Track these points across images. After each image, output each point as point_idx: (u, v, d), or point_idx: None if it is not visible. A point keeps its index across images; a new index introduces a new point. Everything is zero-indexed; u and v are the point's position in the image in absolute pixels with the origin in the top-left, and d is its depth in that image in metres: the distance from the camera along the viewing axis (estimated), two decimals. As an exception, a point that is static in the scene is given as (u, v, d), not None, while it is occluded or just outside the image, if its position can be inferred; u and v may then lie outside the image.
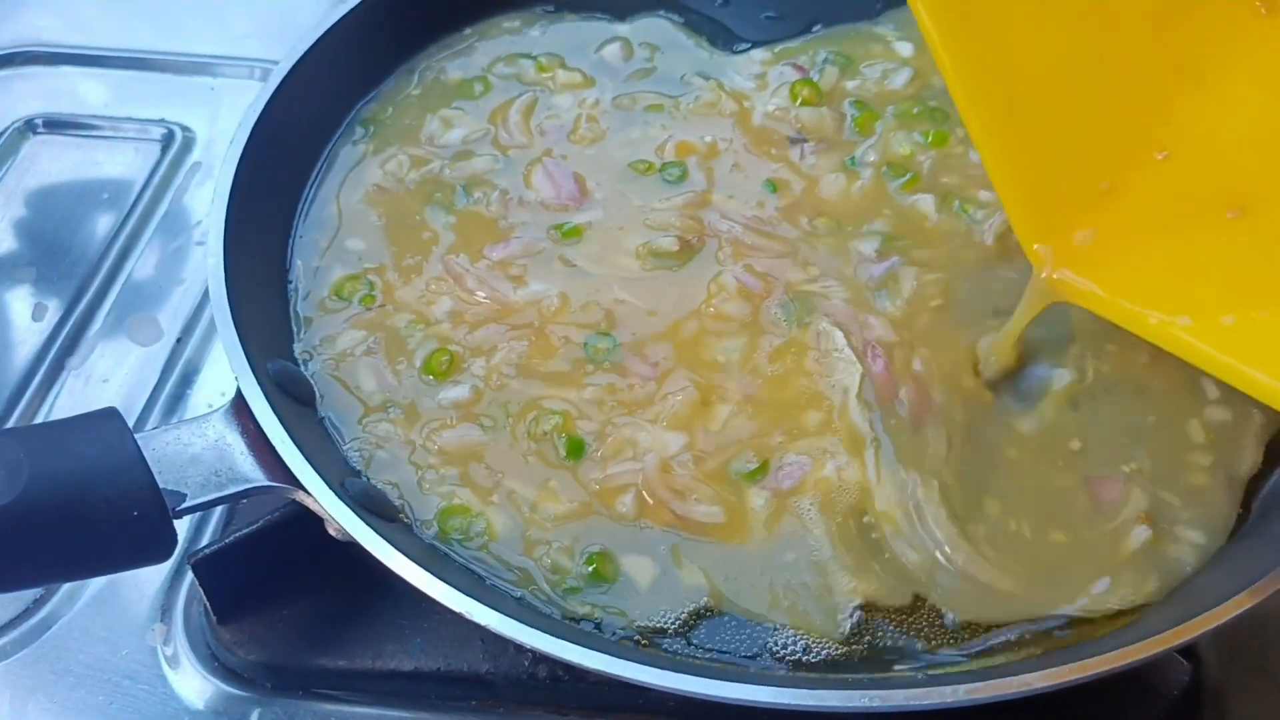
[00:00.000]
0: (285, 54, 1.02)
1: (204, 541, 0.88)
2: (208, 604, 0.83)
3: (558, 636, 0.67)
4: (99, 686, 0.84)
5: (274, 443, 0.75)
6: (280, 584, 0.84)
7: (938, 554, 0.76)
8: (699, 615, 0.76)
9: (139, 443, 0.71)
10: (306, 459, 0.74)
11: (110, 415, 0.73)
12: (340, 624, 0.84)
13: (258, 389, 0.77)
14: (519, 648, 0.77)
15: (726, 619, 0.75)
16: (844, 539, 0.78)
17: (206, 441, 0.75)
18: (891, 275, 0.90)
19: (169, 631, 0.87)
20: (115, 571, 0.72)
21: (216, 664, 0.85)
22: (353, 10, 1.06)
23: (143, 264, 1.14)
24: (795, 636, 0.74)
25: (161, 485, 0.70)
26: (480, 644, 0.82)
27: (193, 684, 0.84)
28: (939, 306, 0.89)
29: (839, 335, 0.86)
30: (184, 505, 0.72)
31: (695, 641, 0.74)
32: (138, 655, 0.86)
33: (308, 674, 0.83)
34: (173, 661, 0.85)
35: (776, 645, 0.74)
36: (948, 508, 0.77)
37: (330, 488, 0.73)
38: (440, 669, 0.81)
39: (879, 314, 0.88)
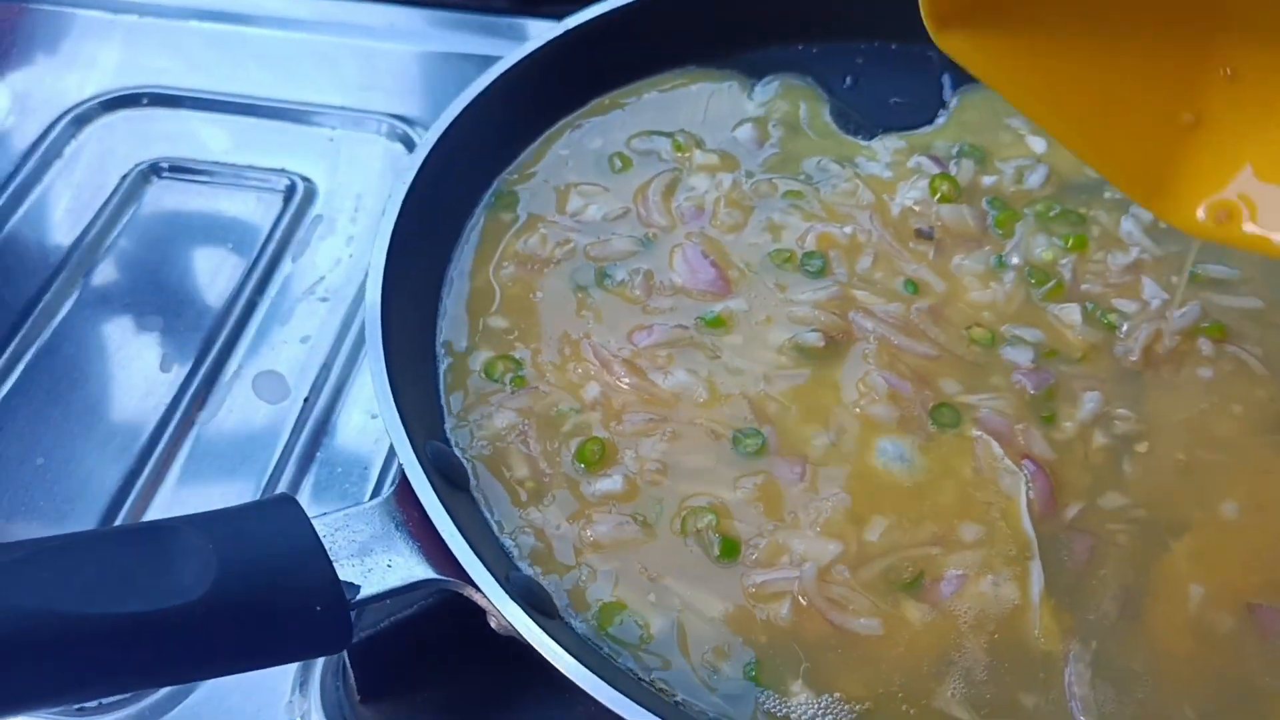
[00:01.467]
0: (428, 113, 1.03)
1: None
2: (356, 684, 0.83)
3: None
4: (238, 758, 0.85)
5: (442, 535, 0.75)
6: (428, 667, 0.84)
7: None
8: (854, 723, 0.76)
9: (318, 533, 0.71)
10: (475, 553, 0.74)
11: (287, 502, 0.73)
12: (484, 712, 0.84)
13: (423, 476, 0.77)
14: (668, 748, 0.78)
15: (886, 734, 0.75)
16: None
17: (374, 530, 0.76)
18: (1049, 390, 0.90)
19: (307, 705, 0.87)
20: (293, 661, 0.73)
21: (354, 742, 0.85)
22: (498, 77, 1.06)
23: (268, 318, 1.15)
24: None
25: (340, 578, 0.71)
26: (631, 740, 0.82)
27: (330, 761, 0.84)
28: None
29: (995, 445, 0.86)
30: (359, 597, 0.72)
31: (857, 759, 0.74)
32: (275, 727, 0.86)
33: (447, 758, 0.83)
34: (312, 738, 0.86)
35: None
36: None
37: (499, 583, 0.73)
38: (584, 763, 0.81)
39: (1037, 426, 0.88)
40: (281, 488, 1.01)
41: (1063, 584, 0.81)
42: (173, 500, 1.00)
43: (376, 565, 0.74)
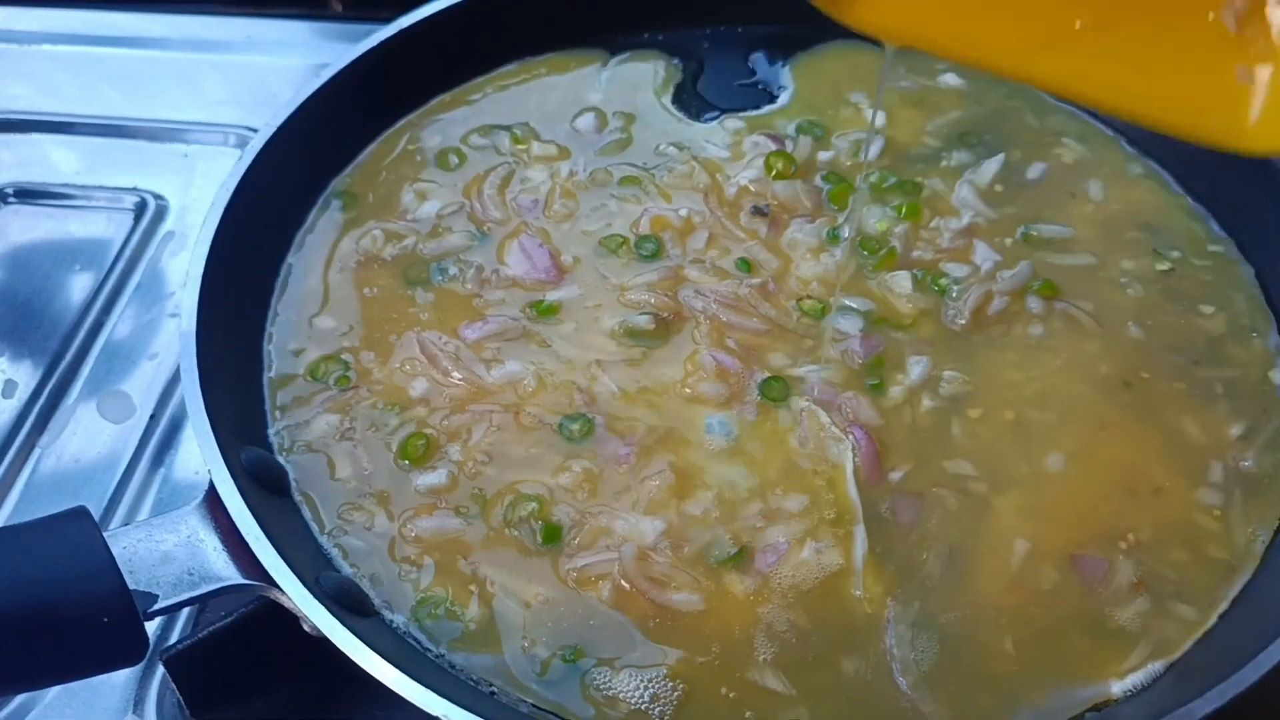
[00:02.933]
0: (263, 124, 1.01)
1: (175, 634, 0.87)
2: (182, 698, 0.82)
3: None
4: (70, 783, 0.83)
5: (248, 539, 0.74)
6: (256, 676, 0.83)
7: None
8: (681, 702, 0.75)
9: (109, 543, 0.70)
10: (282, 556, 0.73)
11: (79, 515, 0.72)
12: (318, 718, 0.82)
13: (231, 483, 0.76)
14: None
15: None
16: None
17: (179, 538, 0.74)
18: (878, 358, 0.90)
19: (142, 723, 0.86)
20: (83, 678, 0.71)
21: (190, 758, 0.83)
22: (330, 80, 1.06)
23: (115, 337, 1.13)
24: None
25: (132, 587, 0.70)
26: (458, 735, 0.81)
27: (166, 779, 0.83)
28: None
29: (823, 414, 0.86)
30: (155, 607, 0.71)
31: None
32: (110, 749, 0.85)
33: (283, 768, 0.82)
34: (146, 756, 0.84)
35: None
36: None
37: (305, 585, 0.72)
38: (418, 764, 0.80)
39: (864, 394, 0.88)
40: (123, 508, 0.99)
41: (887, 547, 0.81)
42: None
43: (177, 573, 0.73)
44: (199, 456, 1.00)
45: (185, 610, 0.89)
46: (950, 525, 0.82)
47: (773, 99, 1.15)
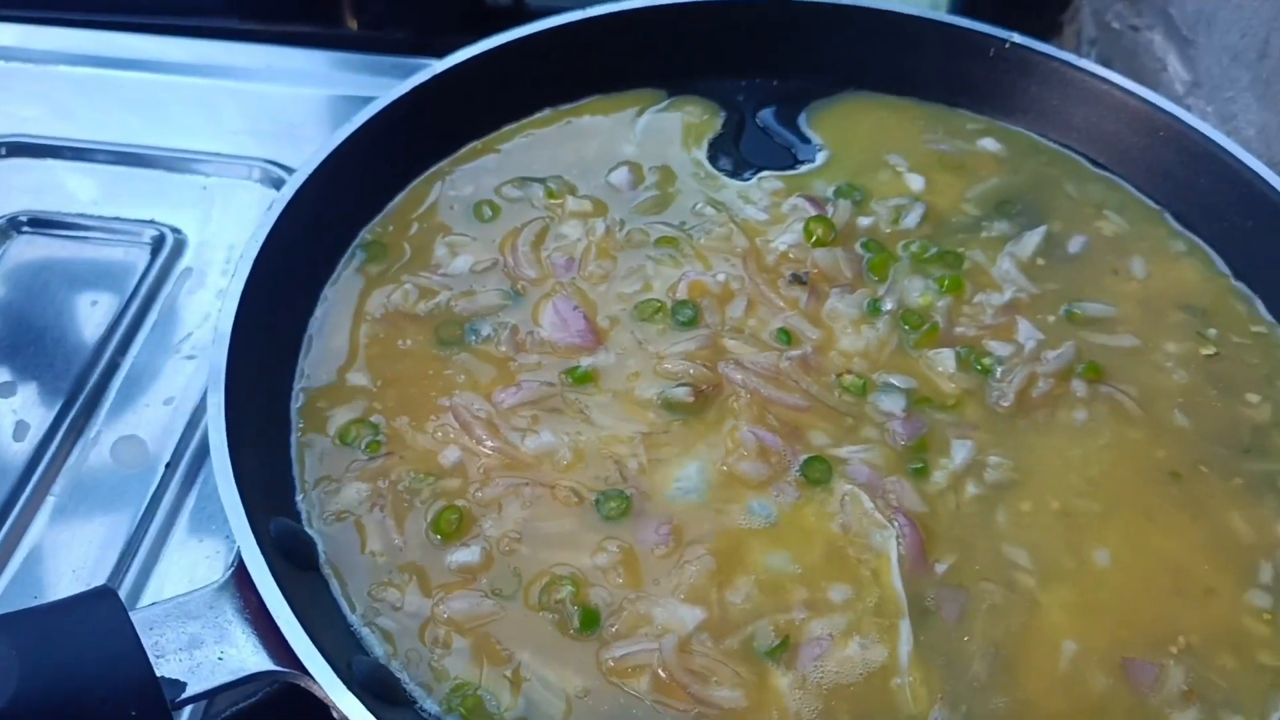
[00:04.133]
0: (286, 158, 0.99)
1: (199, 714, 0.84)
2: (199, 780, 0.79)
3: None
4: None
5: (279, 623, 0.71)
6: (276, 757, 0.80)
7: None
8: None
9: (136, 629, 0.67)
10: (313, 641, 0.70)
11: (106, 596, 0.69)
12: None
13: (262, 562, 0.74)
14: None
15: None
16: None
17: (207, 620, 0.72)
18: (922, 440, 0.88)
19: (153, 800, 0.82)
20: (111, 771, 0.68)
21: (205, 839, 0.81)
22: (362, 125, 1.03)
23: (130, 380, 1.10)
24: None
25: (159, 674, 0.67)
26: (487, 827, 0.78)
27: None
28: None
29: (866, 499, 0.84)
30: (184, 696, 0.68)
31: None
32: (120, 825, 0.81)
33: None
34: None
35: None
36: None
37: (338, 673, 0.70)
38: None
39: (908, 478, 0.86)
40: (138, 563, 0.96)
41: (933, 644, 0.79)
42: (15, 588, 0.94)
43: (207, 658, 0.70)
44: (218, 510, 0.98)
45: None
46: (996, 622, 0.80)
47: (808, 159, 1.13)
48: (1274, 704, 0.78)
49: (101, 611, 0.68)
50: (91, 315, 1.15)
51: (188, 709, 0.85)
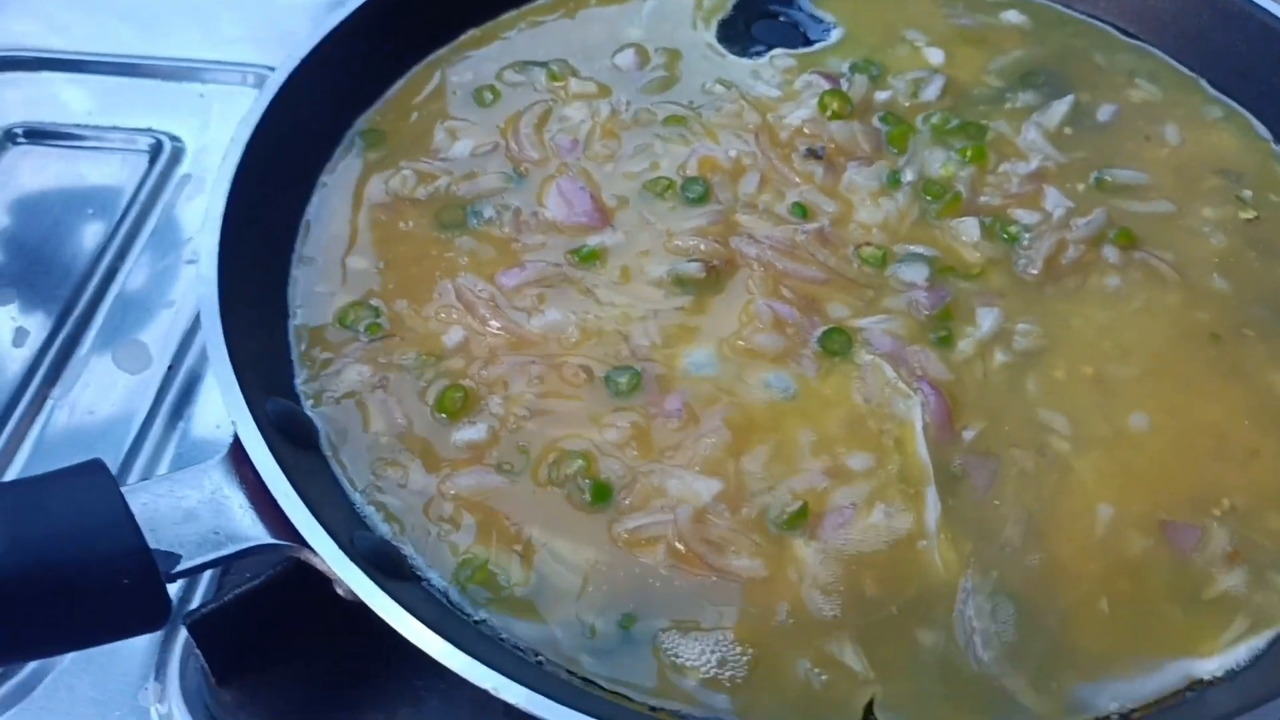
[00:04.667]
0: (281, 60, 0.95)
1: (199, 597, 0.82)
2: (207, 665, 0.77)
3: (591, 713, 0.61)
4: (88, 753, 0.78)
5: (277, 497, 0.68)
6: (284, 642, 0.78)
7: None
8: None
9: (127, 499, 0.65)
10: (314, 515, 0.68)
11: (95, 469, 0.66)
12: (350, 685, 0.78)
13: (258, 435, 0.71)
14: (544, 712, 0.72)
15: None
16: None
17: (202, 494, 0.69)
18: (946, 309, 0.84)
19: (163, 691, 0.81)
20: (102, 643, 0.66)
21: (216, 728, 0.78)
22: (353, 13, 0.99)
23: (130, 284, 1.07)
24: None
25: (153, 547, 0.64)
26: (503, 708, 0.75)
27: (191, 750, 0.78)
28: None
29: (888, 368, 0.80)
30: (178, 568, 0.65)
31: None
32: (129, 717, 0.80)
33: (314, 738, 0.77)
34: (169, 726, 0.79)
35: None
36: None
37: (340, 546, 0.67)
38: (457, 734, 0.75)
39: (932, 347, 0.82)
40: (141, 461, 0.94)
41: (961, 511, 0.76)
42: (19, 482, 0.92)
43: (202, 532, 0.67)
44: (221, 410, 0.96)
45: (209, 572, 0.83)
46: (1028, 488, 0.77)
47: (821, 37, 1.09)
48: (1323, 563, 0.74)
49: (90, 483, 0.65)
50: (90, 223, 1.12)
51: (198, 594, 0.83)
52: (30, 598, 0.60)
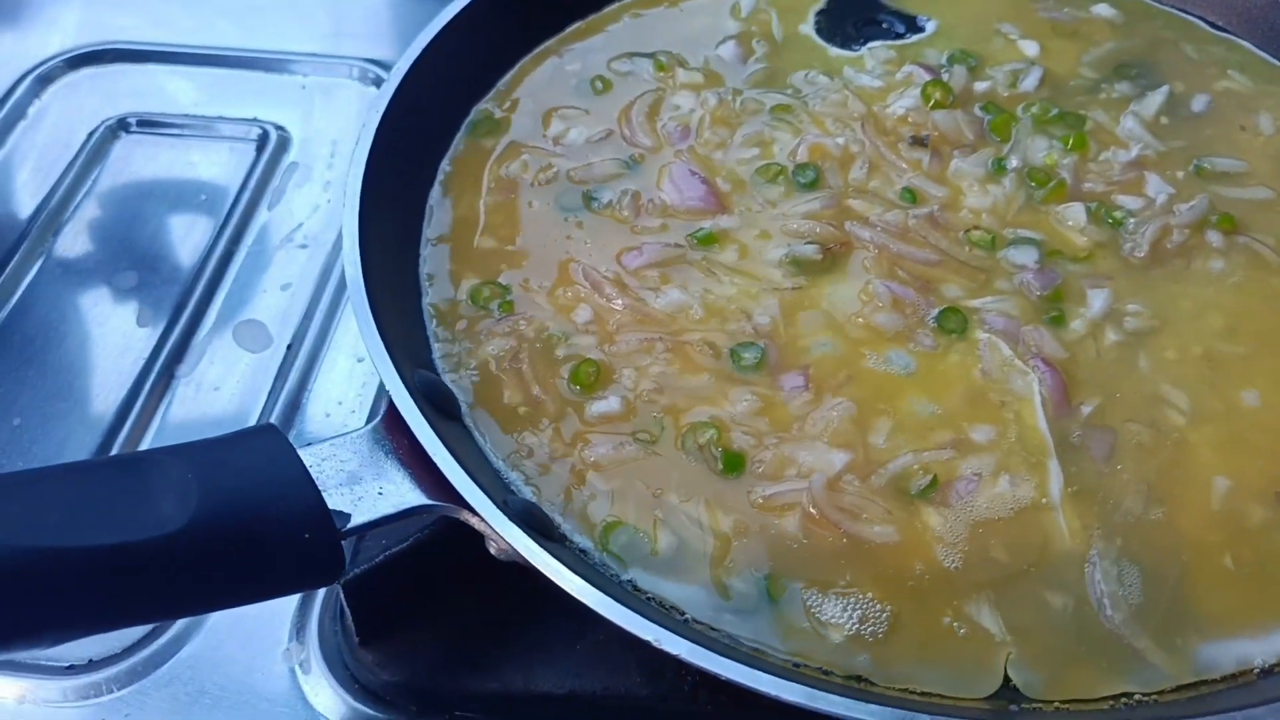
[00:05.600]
0: (383, 55, 0.99)
1: (349, 560, 0.85)
2: (354, 625, 0.80)
3: (748, 665, 0.64)
4: (236, 709, 0.82)
5: (435, 459, 0.71)
6: (426, 603, 0.81)
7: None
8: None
9: (304, 461, 0.68)
10: (471, 477, 0.71)
11: (270, 431, 0.70)
12: (489, 645, 0.81)
13: (411, 403, 0.74)
14: (678, 671, 0.75)
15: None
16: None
17: (363, 459, 0.72)
18: (1057, 290, 0.87)
19: (305, 652, 0.84)
20: (286, 594, 0.69)
21: (357, 686, 0.82)
22: (465, 7, 1.03)
23: (246, 268, 1.11)
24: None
25: (330, 506, 0.68)
26: (636, 666, 0.79)
27: (333, 706, 0.81)
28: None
29: (1005, 346, 0.83)
30: (350, 525, 0.69)
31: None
32: (273, 677, 0.83)
33: (454, 697, 0.80)
34: (311, 682, 0.82)
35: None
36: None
37: (496, 506, 0.70)
38: (596, 692, 0.79)
39: (1045, 326, 0.85)
40: (268, 436, 0.97)
41: (1083, 482, 0.78)
42: (156, 453, 0.96)
43: (367, 493, 0.71)
44: (341, 386, 1.00)
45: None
46: (1146, 461, 0.79)
47: (917, 30, 1.11)
48: None
49: (268, 444, 0.68)
50: (203, 209, 1.16)
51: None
52: (222, 550, 0.63)
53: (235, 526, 0.64)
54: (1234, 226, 0.93)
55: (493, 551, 0.72)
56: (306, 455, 0.70)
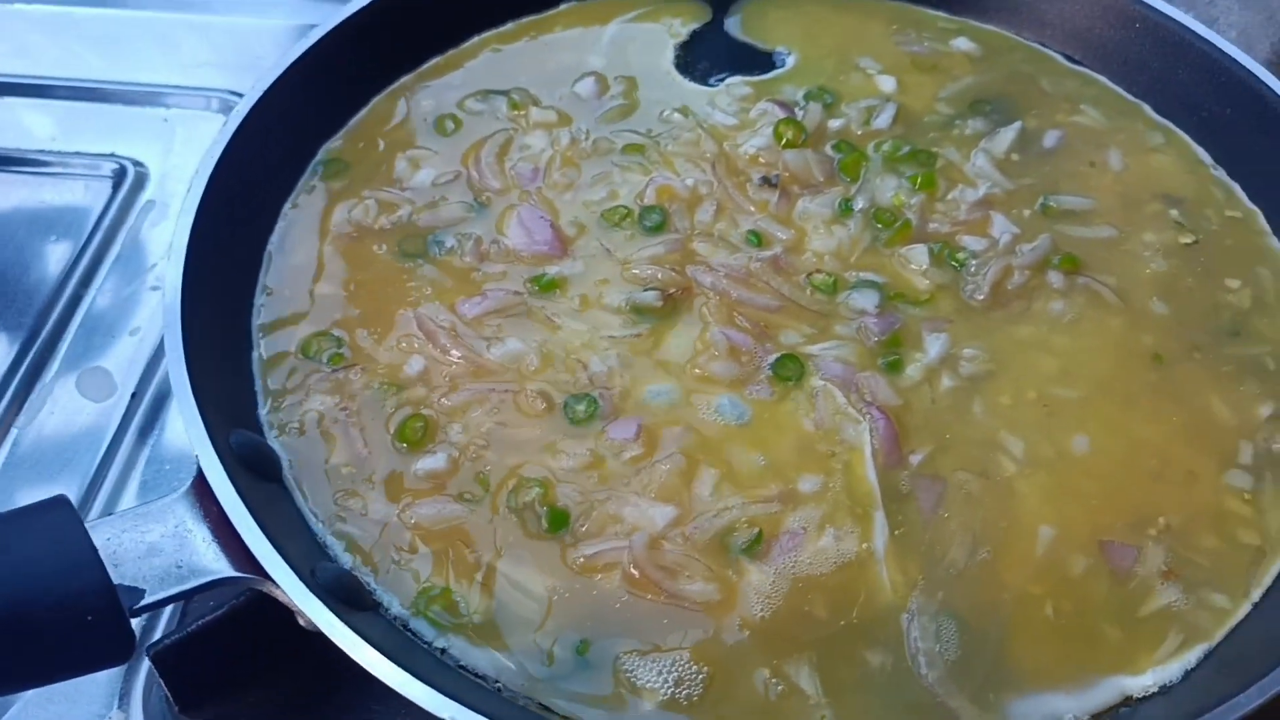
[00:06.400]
0: (248, 88, 0.97)
1: (161, 628, 0.83)
2: (171, 694, 0.78)
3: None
4: (54, 780, 0.79)
5: (239, 529, 0.70)
6: (247, 670, 0.79)
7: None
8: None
9: (92, 535, 0.66)
10: (275, 547, 0.69)
11: (59, 505, 0.67)
12: (310, 713, 0.79)
13: (220, 468, 0.72)
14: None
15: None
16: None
17: (166, 529, 0.70)
18: (895, 335, 0.87)
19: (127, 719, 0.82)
20: (67, 678, 0.67)
21: (180, 755, 0.80)
22: (319, 41, 1.01)
23: (94, 310, 1.08)
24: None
25: (117, 582, 0.66)
26: (462, 733, 0.77)
27: (156, 776, 0.79)
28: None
29: (839, 394, 0.83)
30: (142, 603, 0.67)
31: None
32: (95, 745, 0.81)
33: (278, 765, 0.78)
34: (133, 753, 0.80)
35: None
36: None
37: (300, 578, 0.68)
38: (420, 761, 0.77)
39: (881, 373, 0.84)
40: (106, 490, 0.95)
41: (909, 534, 0.78)
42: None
43: (165, 566, 0.69)
44: (184, 436, 0.97)
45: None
46: (974, 510, 0.79)
47: (777, 64, 1.11)
48: (1255, 579, 0.77)
49: (55, 519, 0.66)
50: (53, 250, 1.13)
51: (161, 623, 0.84)
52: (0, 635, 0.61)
53: (12, 611, 0.62)
54: (1076, 267, 0.93)
55: (302, 623, 0.70)
56: (103, 529, 0.68)
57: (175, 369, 0.77)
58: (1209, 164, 1.02)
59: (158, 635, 0.80)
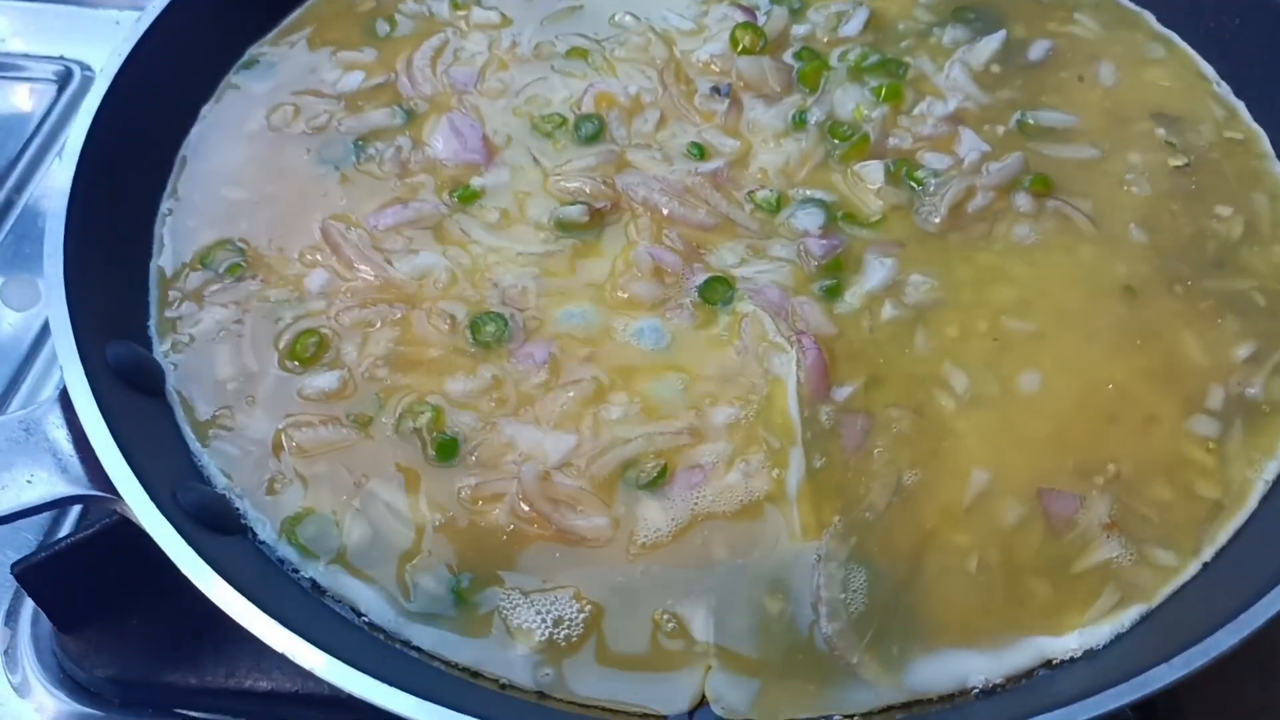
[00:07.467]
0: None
1: (33, 546, 0.79)
2: (46, 613, 0.75)
3: (394, 685, 0.58)
4: (-68, 696, 0.77)
5: (95, 446, 0.65)
6: (125, 591, 0.75)
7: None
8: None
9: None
10: (134, 466, 0.65)
11: (-98, 412, 0.63)
12: (192, 637, 0.75)
13: (83, 382, 0.68)
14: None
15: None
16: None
17: (20, 442, 0.67)
18: (836, 259, 0.79)
19: (13, 637, 0.79)
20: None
21: (64, 676, 0.77)
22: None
23: (24, 220, 1.04)
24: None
25: (-47, 495, 0.62)
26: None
27: (37, 698, 0.76)
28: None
29: (769, 321, 0.76)
30: (-17, 517, 0.63)
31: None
32: (-21, 664, 0.78)
33: (158, 690, 0.75)
34: (15, 672, 0.77)
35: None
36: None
37: (153, 498, 0.64)
38: (298, 691, 0.73)
39: (818, 299, 0.77)
40: (17, 402, 0.91)
41: (827, 473, 0.72)
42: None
43: (14, 481, 0.65)
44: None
45: (44, 520, 0.81)
46: (901, 450, 0.72)
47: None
48: (1209, 536, 0.69)
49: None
50: (-6, 153, 1.09)
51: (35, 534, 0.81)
52: None
53: None
54: (1048, 189, 0.85)
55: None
56: (-57, 437, 0.64)
57: (51, 273, 0.73)
58: (1212, 79, 0.92)
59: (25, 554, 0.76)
